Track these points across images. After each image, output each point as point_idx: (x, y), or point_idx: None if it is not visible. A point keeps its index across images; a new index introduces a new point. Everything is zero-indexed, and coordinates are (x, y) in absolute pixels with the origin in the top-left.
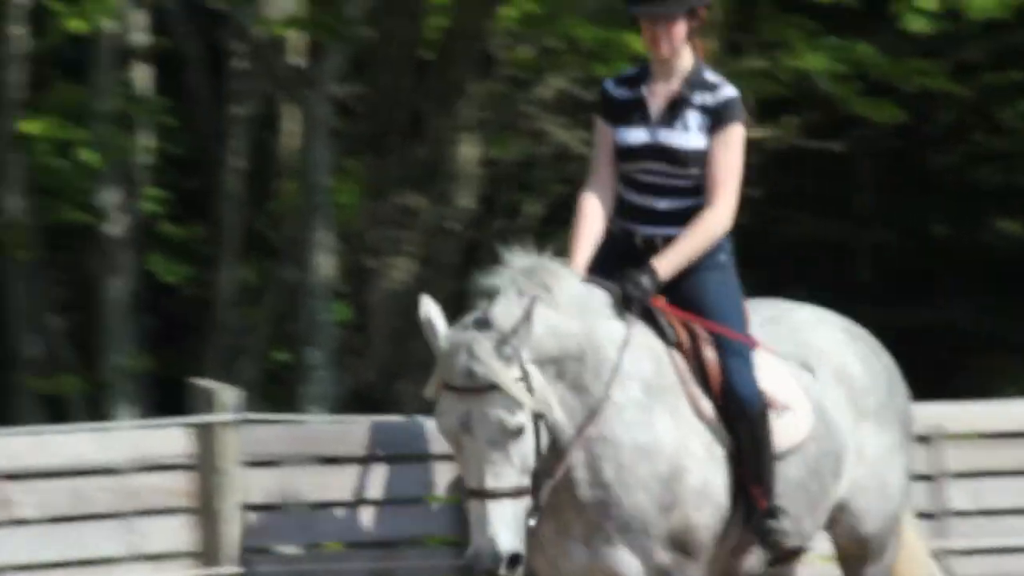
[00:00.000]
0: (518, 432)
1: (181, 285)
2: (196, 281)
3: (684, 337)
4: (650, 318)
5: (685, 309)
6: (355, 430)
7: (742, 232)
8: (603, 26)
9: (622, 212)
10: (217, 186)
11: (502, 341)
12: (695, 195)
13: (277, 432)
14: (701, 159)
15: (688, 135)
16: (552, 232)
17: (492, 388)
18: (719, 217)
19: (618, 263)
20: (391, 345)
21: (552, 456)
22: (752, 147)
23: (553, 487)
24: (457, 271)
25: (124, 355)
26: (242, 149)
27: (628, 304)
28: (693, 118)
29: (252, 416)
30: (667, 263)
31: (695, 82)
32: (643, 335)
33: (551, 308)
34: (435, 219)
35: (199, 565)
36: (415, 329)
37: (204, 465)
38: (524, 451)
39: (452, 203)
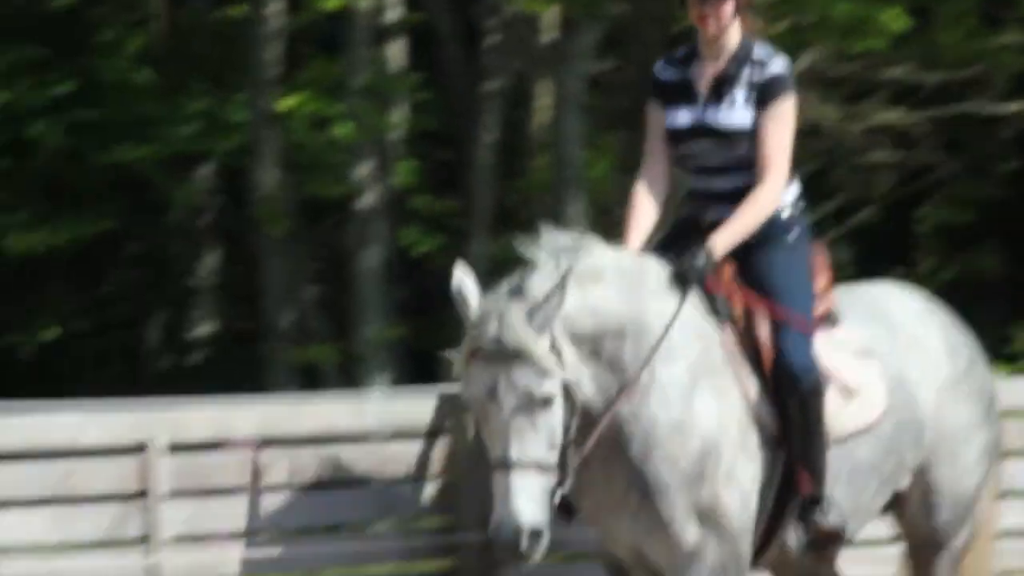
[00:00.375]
0: (546, 402)
1: (433, 256)
2: (448, 252)
3: (739, 314)
4: (707, 296)
5: (750, 287)
6: None
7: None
8: (859, 3)
9: (687, 197)
10: (469, 160)
11: (534, 309)
12: (748, 171)
13: None
14: (749, 136)
15: (733, 112)
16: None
17: (521, 355)
18: (770, 193)
19: (686, 246)
20: None
21: (583, 434)
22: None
23: (586, 462)
24: None
25: (377, 326)
26: (494, 124)
27: (682, 282)
28: (740, 94)
29: None
30: (721, 242)
31: (743, 58)
32: (694, 313)
33: (594, 282)
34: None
35: (450, 532)
36: None
37: (455, 433)
38: (552, 423)
39: None
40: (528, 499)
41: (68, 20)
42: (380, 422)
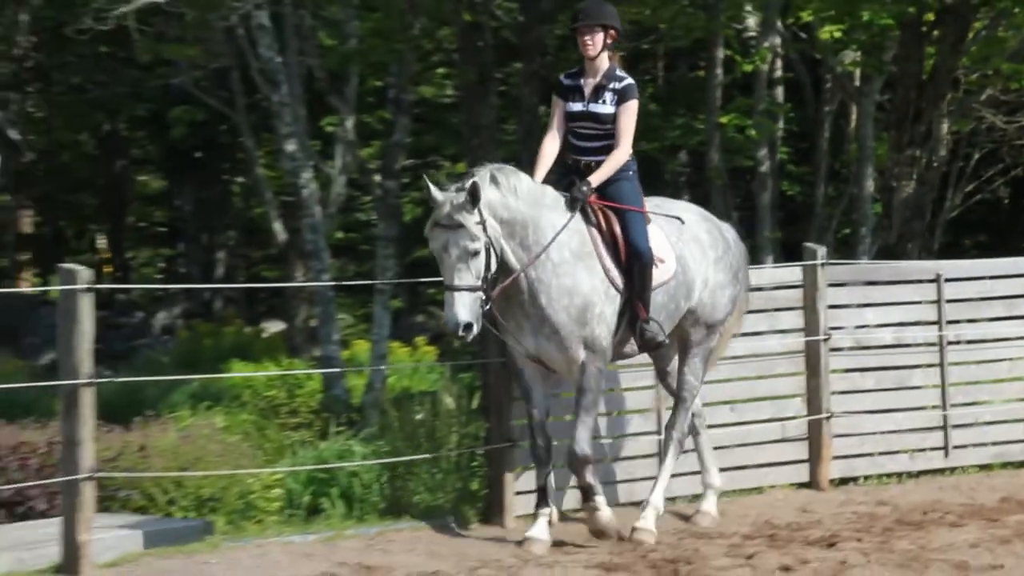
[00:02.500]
0: (475, 254)
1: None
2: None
3: (602, 220)
4: (582, 210)
5: (610, 198)
6: None
7: None
8: None
9: (573, 151)
10: (818, 145)
11: (467, 198)
12: (610, 140)
13: None
14: (611, 119)
15: (605, 106)
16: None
17: (461, 226)
18: (623, 152)
19: (571, 178)
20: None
21: (502, 275)
22: None
23: (507, 300)
24: None
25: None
26: (827, 127)
27: (575, 202)
28: (608, 97)
29: None
30: (595, 177)
31: (610, 76)
32: (575, 221)
33: (512, 192)
34: None
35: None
36: None
37: None
38: (479, 266)
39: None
40: (462, 307)
41: None
42: None
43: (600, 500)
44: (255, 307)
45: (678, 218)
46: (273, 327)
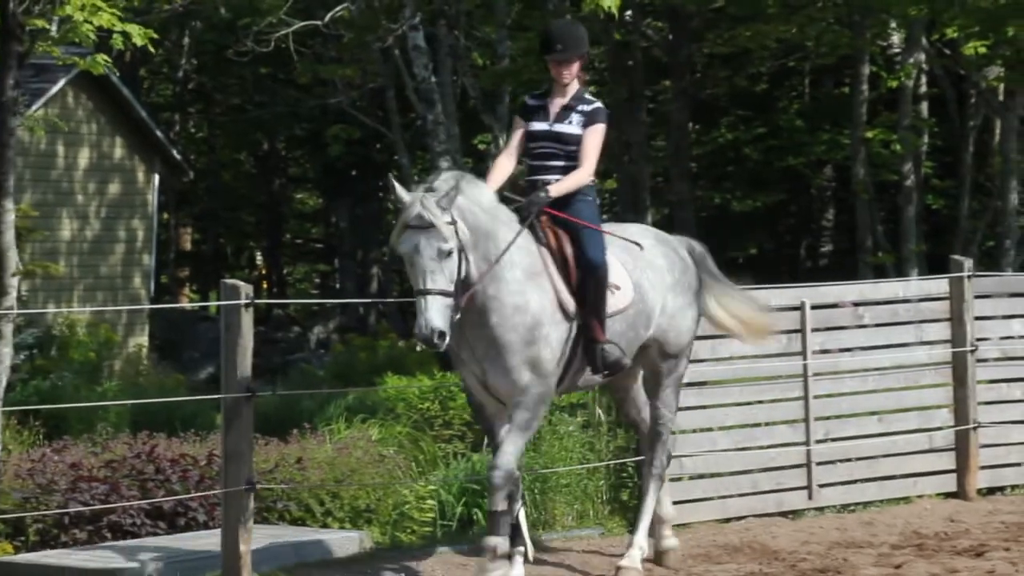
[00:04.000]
0: (448, 254)
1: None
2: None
3: (552, 240)
4: (533, 229)
5: (565, 223)
6: None
7: None
8: None
9: (532, 173)
10: (963, 157)
11: (440, 198)
12: (573, 163)
13: None
14: (577, 141)
15: (572, 127)
16: None
17: (432, 226)
18: (586, 172)
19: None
20: None
21: (464, 287)
22: None
23: (460, 321)
24: None
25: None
26: (971, 141)
27: (530, 206)
28: (576, 119)
29: None
30: (555, 187)
31: (579, 99)
32: (525, 239)
33: (475, 202)
34: None
35: None
36: None
37: None
38: (451, 268)
39: None
40: (436, 312)
41: None
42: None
43: (501, 544)
44: (408, 321)
45: (636, 244)
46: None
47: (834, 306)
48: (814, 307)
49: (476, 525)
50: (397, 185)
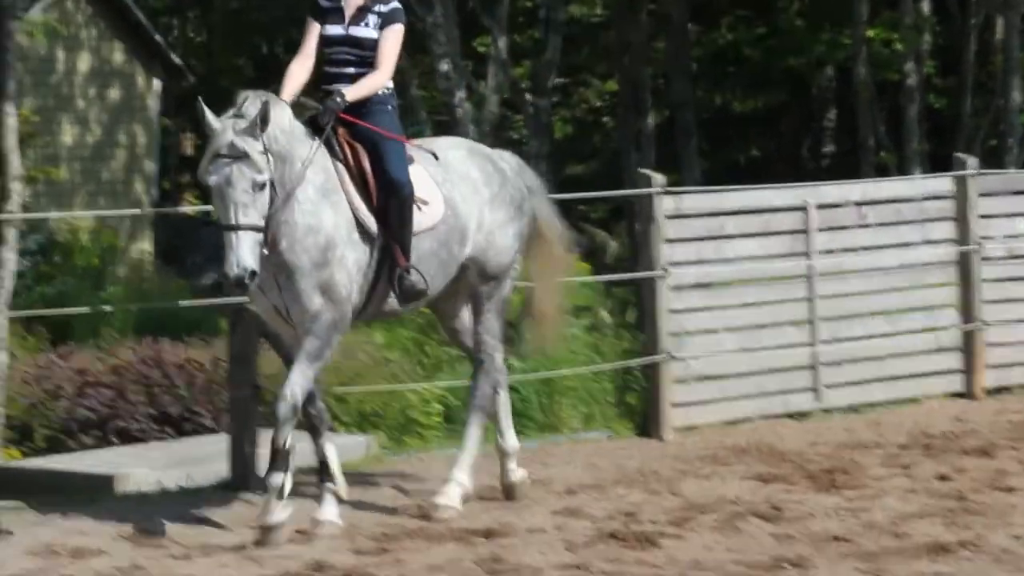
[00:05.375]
0: (262, 186)
1: None
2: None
3: (349, 154)
4: (328, 144)
5: (364, 133)
6: None
7: None
8: None
9: (328, 81)
10: (965, 54)
11: (252, 125)
12: (371, 69)
13: None
14: (374, 45)
15: (368, 30)
16: None
17: (246, 155)
18: (383, 76)
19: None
20: None
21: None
22: None
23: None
24: None
25: None
26: (974, 39)
27: (325, 114)
28: (372, 20)
29: None
30: (351, 93)
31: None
32: (321, 155)
33: (278, 126)
34: None
35: None
36: None
37: None
38: (263, 202)
39: None
40: (247, 250)
41: None
42: None
43: (288, 482)
44: None
45: (432, 153)
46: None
47: (837, 206)
48: (818, 207)
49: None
50: (207, 110)
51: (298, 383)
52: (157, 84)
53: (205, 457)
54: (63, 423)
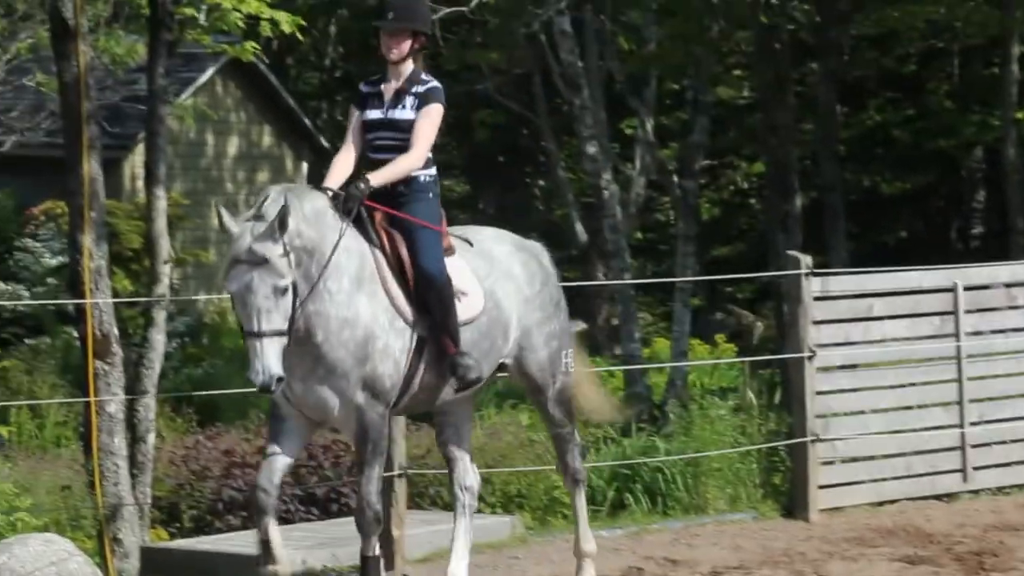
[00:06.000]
0: (284, 291)
1: None
2: None
3: (385, 240)
4: (362, 228)
5: (401, 220)
6: None
7: None
8: None
9: (370, 167)
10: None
11: (270, 229)
12: None
13: None
14: (412, 127)
15: (405, 111)
16: None
17: (266, 261)
18: (414, 158)
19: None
20: None
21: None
22: None
23: (289, 348)
24: None
25: None
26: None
27: (348, 201)
28: (410, 102)
29: None
30: (376, 178)
31: (413, 80)
32: (355, 241)
33: (302, 219)
34: None
35: None
36: None
37: None
38: (286, 306)
39: None
40: (272, 357)
41: None
42: None
43: None
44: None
45: (468, 241)
46: (575, 326)
47: (986, 287)
48: (966, 288)
49: (627, 509)
50: (224, 213)
51: (371, 492)
52: (305, 166)
53: (350, 538)
54: (210, 504)
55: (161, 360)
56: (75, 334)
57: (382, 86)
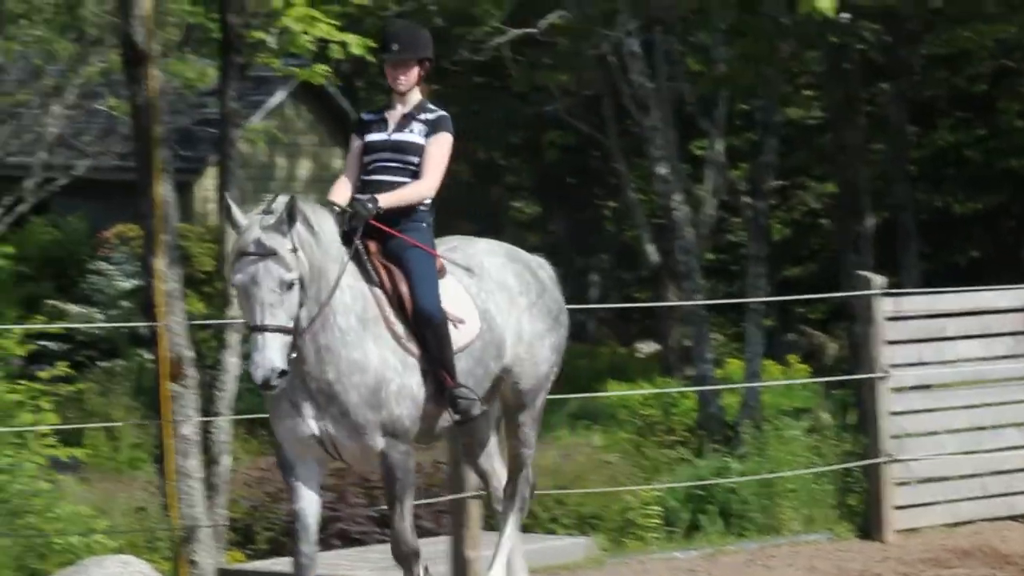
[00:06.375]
0: (290, 286)
1: None
2: None
3: (384, 277)
4: (359, 263)
5: (395, 252)
6: None
7: None
8: None
9: (371, 190)
10: None
11: (279, 222)
12: (413, 178)
13: None
14: (420, 151)
15: (413, 135)
16: None
17: (274, 253)
18: (427, 186)
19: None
20: None
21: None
22: None
23: (295, 364)
24: None
25: None
26: None
27: (354, 219)
28: (417, 128)
29: None
30: (385, 199)
31: (421, 107)
32: (356, 280)
33: (314, 234)
34: None
35: None
36: None
37: None
38: (292, 302)
39: None
40: (274, 351)
41: None
42: None
43: None
44: (629, 328)
45: (468, 268)
46: (647, 347)
47: None
48: None
49: (702, 530)
50: (233, 206)
51: (404, 528)
52: None
53: (425, 559)
54: (285, 525)
55: (235, 382)
56: (149, 356)
57: (386, 113)
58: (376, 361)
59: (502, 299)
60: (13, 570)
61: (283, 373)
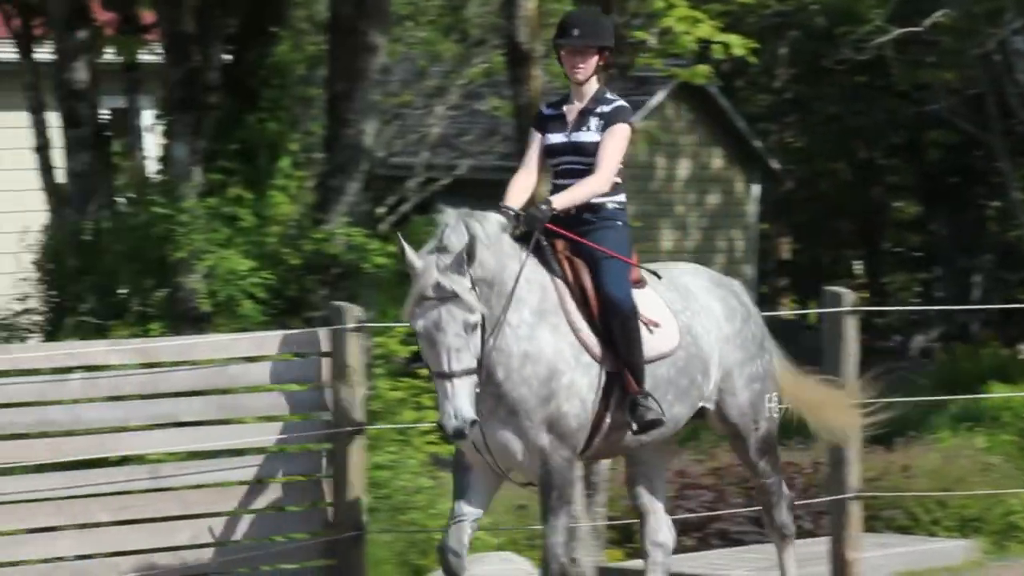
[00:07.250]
0: (475, 327)
1: None
2: None
3: (567, 270)
4: (543, 256)
5: (585, 249)
6: None
7: None
8: None
9: (554, 194)
10: None
11: (457, 261)
12: None
13: None
14: (597, 150)
15: (591, 133)
16: None
17: (455, 296)
18: (599, 181)
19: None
20: None
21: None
22: None
23: None
24: None
25: None
26: None
27: (530, 222)
28: (594, 123)
29: None
30: (558, 200)
31: (598, 99)
32: (535, 271)
33: (485, 247)
34: None
35: None
36: None
37: None
38: (477, 343)
39: None
40: (463, 399)
41: None
42: None
43: None
44: (1011, 329)
45: (655, 273)
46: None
47: None
48: None
49: None
50: (406, 246)
51: (556, 543)
52: (756, 189)
53: (804, 560)
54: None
55: None
56: None
57: (564, 108)
58: (550, 352)
59: (708, 322)
60: (396, 565)
61: (474, 423)
